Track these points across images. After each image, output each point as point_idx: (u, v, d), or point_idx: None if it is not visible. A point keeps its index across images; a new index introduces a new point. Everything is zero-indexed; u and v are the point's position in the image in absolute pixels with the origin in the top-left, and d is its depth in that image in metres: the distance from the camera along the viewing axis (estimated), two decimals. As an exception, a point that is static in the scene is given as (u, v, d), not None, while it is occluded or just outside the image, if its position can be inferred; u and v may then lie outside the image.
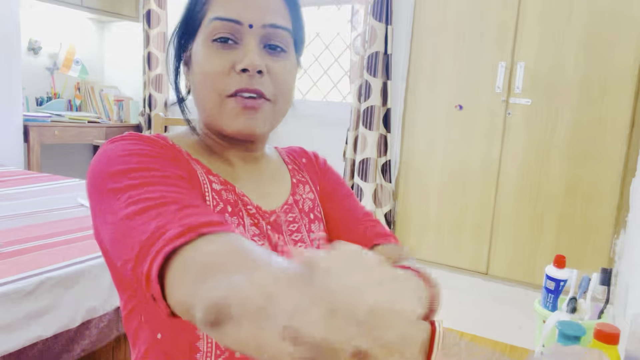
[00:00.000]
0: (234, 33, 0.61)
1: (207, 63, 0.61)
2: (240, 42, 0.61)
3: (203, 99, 0.62)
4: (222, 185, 0.64)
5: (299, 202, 0.72)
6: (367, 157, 2.94)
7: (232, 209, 0.63)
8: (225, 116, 0.61)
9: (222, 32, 0.60)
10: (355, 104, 2.98)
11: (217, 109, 0.61)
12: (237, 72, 0.60)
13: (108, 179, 0.52)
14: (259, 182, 0.69)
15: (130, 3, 3.81)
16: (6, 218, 1.59)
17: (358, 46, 2.95)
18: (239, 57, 0.60)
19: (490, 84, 2.63)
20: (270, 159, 0.74)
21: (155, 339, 0.59)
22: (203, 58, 0.61)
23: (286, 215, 0.69)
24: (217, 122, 0.62)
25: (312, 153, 0.82)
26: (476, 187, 2.74)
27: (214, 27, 0.61)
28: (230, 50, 0.61)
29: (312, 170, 0.79)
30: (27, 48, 3.56)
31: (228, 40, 0.61)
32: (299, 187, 0.74)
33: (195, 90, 0.64)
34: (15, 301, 1.10)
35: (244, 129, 0.61)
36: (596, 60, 2.38)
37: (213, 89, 0.61)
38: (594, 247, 2.47)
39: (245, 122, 0.61)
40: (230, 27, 0.60)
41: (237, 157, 0.68)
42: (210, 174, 0.64)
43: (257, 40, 0.61)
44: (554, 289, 0.99)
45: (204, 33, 0.62)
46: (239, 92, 0.60)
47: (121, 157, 0.53)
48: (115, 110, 3.87)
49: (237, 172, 0.67)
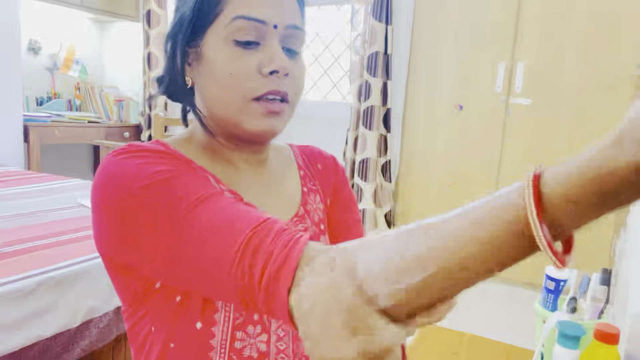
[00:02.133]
0: (257, 34, 0.58)
1: (230, 65, 0.58)
2: (262, 42, 0.59)
3: (223, 101, 0.59)
4: (230, 195, 0.61)
5: (310, 213, 0.70)
6: (367, 157, 2.94)
7: None
8: (248, 118, 0.59)
9: (248, 33, 0.58)
10: (355, 104, 2.98)
11: (240, 112, 0.59)
12: (264, 74, 0.58)
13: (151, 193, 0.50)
14: (266, 190, 0.67)
15: (130, 3, 3.81)
16: (6, 218, 1.59)
17: (358, 46, 2.95)
18: (264, 58, 0.58)
19: (490, 84, 2.63)
20: (277, 159, 0.71)
21: (167, 348, 0.58)
22: (224, 60, 0.58)
23: (296, 227, 0.66)
24: (237, 123, 0.60)
25: (330, 159, 0.78)
26: (476, 187, 2.74)
27: (238, 27, 0.57)
28: (254, 51, 0.58)
29: (326, 180, 0.75)
30: (27, 48, 3.56)
31: (251, 40, 0.58)
32: (310, 196, 0.71)
33: (209, 91, 0.60)
34: (15, 301, 1.10)
35: (267, 132, 0.60)
36: (596, 60, 2.38)
37: (237, 92, 0.58)
38: (594, 247, 2.47)
39: (269, 124, 0.59)
40: (255, 27, 0.58)
41: (242, 159, 0.65)
42: (219, 182, 0.61)
43: (279, 40, 0.59)
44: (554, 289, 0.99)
45: (223, 31, 0.58)
46: (267, 94, 0.58)
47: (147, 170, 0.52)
48: (115, 110, 3.87)
49: (242, 177, 0.65)
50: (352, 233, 0.75)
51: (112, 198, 0.52)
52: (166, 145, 0.60)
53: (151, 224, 0.50)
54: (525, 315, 2.39)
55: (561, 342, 0.75)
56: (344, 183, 0.77)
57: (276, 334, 0.60)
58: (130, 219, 0.51)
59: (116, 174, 0.52)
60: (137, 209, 0.50)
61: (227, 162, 0.65)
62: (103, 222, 0.54)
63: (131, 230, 0.51)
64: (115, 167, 0.53)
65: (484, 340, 1.08)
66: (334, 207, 0.75)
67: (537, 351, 0.89)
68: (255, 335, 0.59)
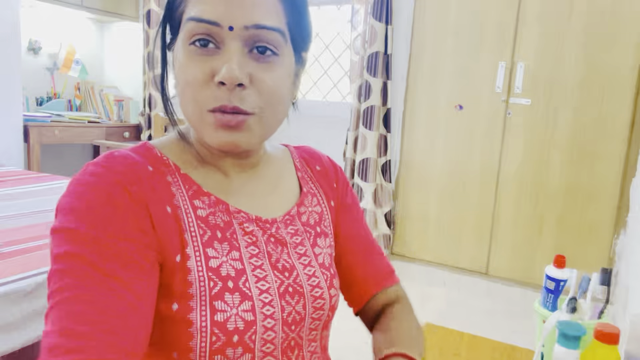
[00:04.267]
0: (213, 36, 0.53)
1: (185, 70, 0.54)
2: (221, 46, 0.53)
3: (185, 110, 0.56)
4: (210, 209, 0.58)
5: (303, 215, 0.68)
6: (367, 157, 2.94)
7: (222, 234, 0.58)
8: (206, 131, 0.55)
9: (198, 35, 0.53)
10: (355, 104, 2.98)
11: (199, 122, 0.55)
12: (216, 84, 0.53)
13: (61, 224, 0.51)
14: (257, 190, 0.65)
15: (130, 3, 3.81)
16: (6, 218, 1.59)
17: (358, 46, 2.95)
18: (219, 65, 0.53)
19: (490, 84, 2.63)
20: (271, 161, 0.69)
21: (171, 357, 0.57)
22: (182, 63, 0.55)
23: (286, 228, 0.65)
24: (200, 134, 0.56)
25: (327, 160, 0.76)
26: (476, 187, 2.74)
27: (190, 29, 0.53)
28: (210, 56, 0.53)
29: (327, 182, 0.74)
30: (27, 48, 3.56)
31: (208, 44, 0.53)
32: (307, 198, 0.70)
33: (179, 97, 0.57)
34: (15, 301, 1.10)
35: (226, 146, 0.55)
36: (596, 60, 2.38)
37: (193, 100, 0.54)
38: (594, 247, 2.47)
39: (227, 139, 0.55)
40: (206, 29, 0.53)
41: (232, 165, 0.63)
42: (197, 197, 0.58)
43: (241, 44, 0.53)
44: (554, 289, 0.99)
45: (182, 35, 0.55)
46: (217, 109, 0.53)
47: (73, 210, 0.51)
48: (115, 110, 3.87)
49: (232, 182, 0.63)
50: (359, 232, 0.76)
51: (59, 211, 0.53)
52: (150, 150, 0.59)
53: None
54: (525, 315, 2.39)
55: (561, 342, 0.75)
56: (346, 186, 0.77)
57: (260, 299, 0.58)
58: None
59: (71, 190, 0.53)
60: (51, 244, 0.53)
61: (213, 166, 0.63)
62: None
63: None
64: (66, 193, 0.53)
65: (484, 340, 1.08)
66: (341, 210, 0.74)
67: (537, 351, 0.89)
68: (237, 305, 0.56)
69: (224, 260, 0.57)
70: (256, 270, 0.59)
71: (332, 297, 0.66)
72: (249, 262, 0.59)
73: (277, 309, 0.59)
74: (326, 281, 0.66)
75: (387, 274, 0.76)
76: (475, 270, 2.78)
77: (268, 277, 0.60)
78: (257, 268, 0.59)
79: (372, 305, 0.75)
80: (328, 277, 0.66)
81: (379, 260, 0.76)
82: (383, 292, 0.74)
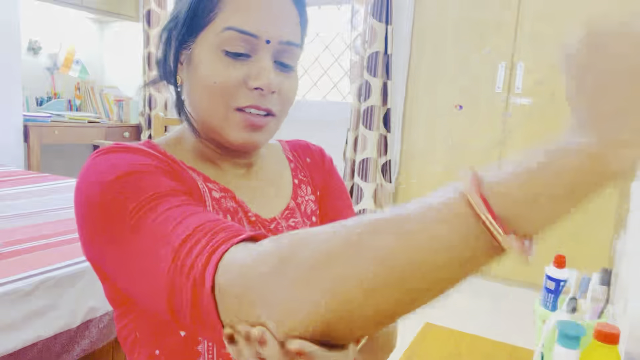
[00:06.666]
0: (248, 46, 0.57)
1: (216, 74, 0.56)
2: (253, 55, 0.57)
3: (206, 108, 0.59)
4: (221, 193, 0.61)
5: (301, 205, 0.70)
6: (367, 157, 2.94)
7: (232, 217, 0.61)
8: (229, 129, 0.58)
9: (237, 46, 0.56)
10: (355, 104, 2.98)
11: (222, 121, 0.58)
12: (249, 88, 0.57)
13: (112, 201, 0.48)
14: (256, 187, 0.67)
15: (130, 3, 3.81)
16: (6, 218, 1.59)
17: (358, 46, 2.95)
18: (252, 72, 0.57)
19: (490, 84, 2.63)
20: (267, 157, 0.71)
21: (153, 355, 0.57)
22: (211, 67, 0.57)
23: (287, 222, 0.67)
24: (219, 132, 0.59)
25: (318, 151, 0.79)
26: (476, 187, 2.74)
27: (228, 38, 0.56)
28: (242, 63, 0.57)
29: (316, 171, 0.76)
30: (27, 48, 3.56)
31: (242, 53, 0.57)
32: (301, 188, 0.72)
33: (195, 96, 0.60)
34: (15, 301, 1.10)
35: (247, 144, 0.59)
36: (596, 60, 2.38)
37: (221, 101, 0.57)
38: (594, 247, 2.47)
39: (249, 138, 0.59)
40: (246, 40, 0.56)
41: (232, 163, 0.65)
42: (208, 181, 0.61)
43: (270, 55, 0.58)
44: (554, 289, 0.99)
45: (213, 40, 0.57)
46: (249, 108, 0.57)
47: (118, 176, 0.49)
48: (115, 110, 3.87)
49: (232, 178, 0.65)
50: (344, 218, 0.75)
51: (80, 201, 0.51)
52: (155, 146, 0.60)
53: (106, 221, 0.48)
54: (525, 315, 2.39)
55: (561, 342, 0.75)
56: (332, 172, 0.78)
57: None
58: (98, 218, 0.49)
59: (89, 172, 0.52)
60: (103, 206, 0.48)
61: (215, 164, 0.64)
62: (80, 224, 0.53)
63: (96, 229, 0.50)
64: (91, 166, 0.52)
65: (484, 340, 1.08)
66: (325, 197, 0.75)
67: (537, 351, 0.89)
68: None
69: None
70: None
71: None
72: None
73: None
74: None
75: None
76: (475, 270, 2.78)
77: None
78: None
79: None
80: None
81: None
82: None
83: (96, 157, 0.53)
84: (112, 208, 0.48)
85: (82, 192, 0.51)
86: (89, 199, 0.50)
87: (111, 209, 0.48)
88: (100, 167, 0.51)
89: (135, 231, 0.46)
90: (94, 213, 0.49)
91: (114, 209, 0.47)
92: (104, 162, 0.52)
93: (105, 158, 0.52)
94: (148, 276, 0.44)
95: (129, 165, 0.50)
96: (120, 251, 0.47)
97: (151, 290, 0.44)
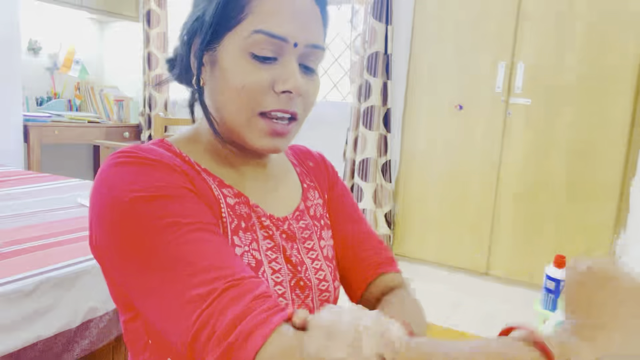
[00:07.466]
0: (276, 50, 0.57)
1: (244, 78, 0.56)
2: (279, 58, 0.57)
3: (230, 111, 0.58)
4: (236, 198, 0.61)
5: (310, 209, 0.71)
6: (367, 157, 2.94)
7: (245, 224, 0.61)
8: (252, 134, 0.58)
9: (265, 50, 0.56)
10: (355, 104, 2.98)
11: (245, 125, 0.58)
12: (277, 91, 0.57)
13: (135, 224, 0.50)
14: (268, 187, 0.67)
15: (130, 3, 3.81)
16: (6, 218, 1.59)
17: (358, 46, 2.95)
18: (280, 75, 0.57)
19: (490, 84, 2.63)
20: (275, 159, 0.72)
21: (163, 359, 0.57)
22: (239, 71, 0.56)
23: (298, 223, 0.68)
24: (241, 135, 0.59)
25: (318, 156, 0.79)
26: (476, 187, 2.74)
27: (257, 41, 0.56)
28: (269, 66, 0.57)
29: (320, 176, 0.77)
30: (27, 48, 3.56)
31: (269, 57, 0.57)
32: (310, 192, 0.73)
33: (220, 99, 0.59)
34: (15, 301, 1.10)
35: (269, 150, 0.60)
36: (596, 60, 2.38)
37: (246, 104, 0.57)
38: (594, 247, 2.47)
39: (272, 144, 0.59)
40: (274, 43, 0.56)
41: (247, 164, 0.66)
42: (223, 186, 0.61)
43: (297, 58, 0.58)
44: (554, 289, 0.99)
45: (240, 43, 0.56)
46: (274, 111, 0.58)
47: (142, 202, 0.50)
48: (115, 110, 3.87)
49: (246, 178, 0.65)
50: (353, 219, 0.76)
51: (103, 204, 0.52)
52: (170, 146, 0.60)
53: (128, 239, 0.50)
54: (525, 315, 2.39)
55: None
56: (336, 177, 0.79)
57: None
58: (117, 229, 0.50)
59: (110, 181, 0.52)
60: (123, 220, 0.50)
61: (230, 165, 0.65)
62: (95, 228, 0.54)
63: (115, 242, 0.51)
64: (112, 174, 0.53)
65: (484, 340, 1.08)
66: (332, 200, 0.76)
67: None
68: None
69: (246, 250, 0.59)
70: (272, 263, 0.61)
71: (336, 289, 0.69)
72: (265, 255, 0.61)
73: (289, 302, 0.61)
74: (330, 274, 0.68)
75: (383, 262, 0.73)
76: (475, 270, 2.78)
77: (282, 270, 0.62)
78: (273, 261, 0.62)
79: (370, 293, 0.72)
80: (332, 269, 0.69)
81: (374, 248, 0.74)
82: (380, 279, 0.71)
83: (117, 166, 0.53)
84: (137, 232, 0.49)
85: (104, 204, 0.52)
86: (113, 215, 0.51)
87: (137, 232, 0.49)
88: (125, 180, 0.51)
89: (160, 263, 0.48)
90: (117, 230, 0.50)
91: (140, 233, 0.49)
92: (128, 175, 0.52)
93: (129, 171, 0.52)
94: (172, 318, 0.46)
95: (155, 188, 0.51)
96: (144, 279, 0.48)
97: (173, 331, 0.47)
